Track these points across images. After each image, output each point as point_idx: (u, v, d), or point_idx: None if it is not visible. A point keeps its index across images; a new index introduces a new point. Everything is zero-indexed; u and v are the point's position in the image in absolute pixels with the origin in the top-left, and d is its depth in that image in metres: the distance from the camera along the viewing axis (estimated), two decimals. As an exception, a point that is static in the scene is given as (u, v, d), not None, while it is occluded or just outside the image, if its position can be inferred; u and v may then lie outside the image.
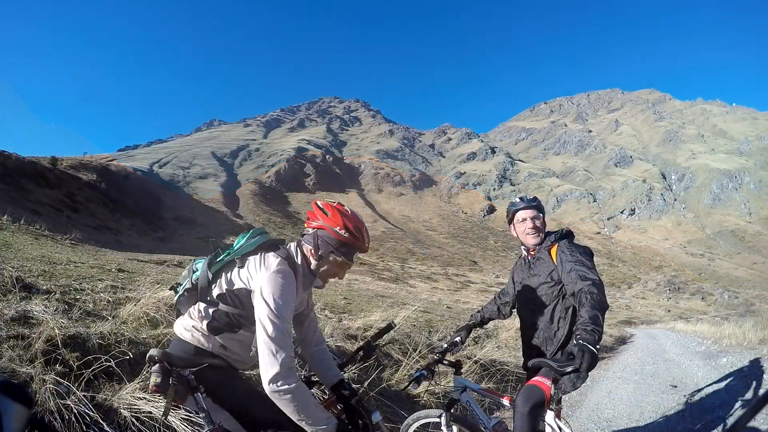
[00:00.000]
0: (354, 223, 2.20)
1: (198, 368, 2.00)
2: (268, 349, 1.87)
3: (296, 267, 2.13)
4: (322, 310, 7.25)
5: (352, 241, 2.17)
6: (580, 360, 2.15)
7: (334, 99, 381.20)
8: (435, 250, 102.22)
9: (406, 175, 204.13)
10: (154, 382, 1.86)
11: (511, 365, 6.92)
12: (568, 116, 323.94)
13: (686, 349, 12.12)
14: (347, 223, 2.18)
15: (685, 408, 5.68)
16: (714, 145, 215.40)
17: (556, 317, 2.98)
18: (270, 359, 1.86)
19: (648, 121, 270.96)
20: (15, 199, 30.57)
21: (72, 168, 59.45)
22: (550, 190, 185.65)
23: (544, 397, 2.66)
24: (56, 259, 7.10)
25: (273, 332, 1.89)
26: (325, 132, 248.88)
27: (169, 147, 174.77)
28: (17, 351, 2.65)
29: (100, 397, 2.66)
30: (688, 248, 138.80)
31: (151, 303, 4.12)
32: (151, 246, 34.33)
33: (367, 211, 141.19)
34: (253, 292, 2.02)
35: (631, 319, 39.44)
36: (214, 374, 2.04)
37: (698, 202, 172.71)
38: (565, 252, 2.94)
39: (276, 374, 1.84)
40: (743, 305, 58.33)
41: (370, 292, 18.09)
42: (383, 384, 4.66)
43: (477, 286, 54.72)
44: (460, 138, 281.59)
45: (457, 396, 3.09)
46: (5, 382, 0.84)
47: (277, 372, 1.84)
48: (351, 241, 2.17)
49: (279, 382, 1.84)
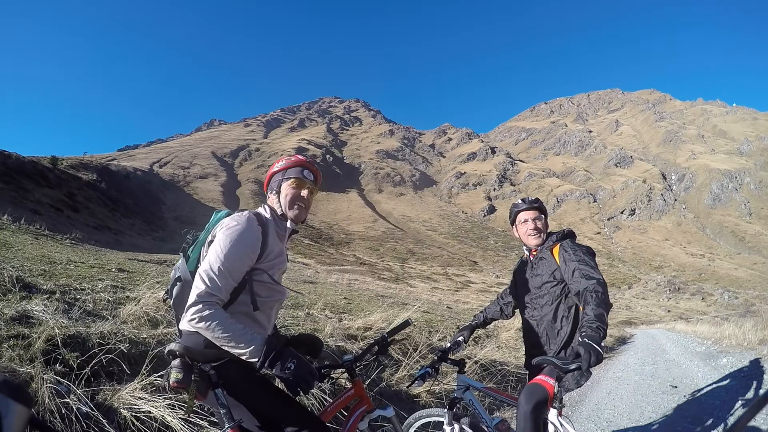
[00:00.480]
0: (288, 156, 2.44)
1: (219, 363, 1.98)
2: (196, 281, 1.92)
3: (264, 220, 2.19)
4: (323, 310, 7.24)
5: (291, 163, 2.36)
6: (588, 357, 2.16)
7: (335, 99, 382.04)
8: (435, 250, 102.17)
9: (407, 175, 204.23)
10: (175, 378, 1.83)
11: (512, 365, 6.92)
12: (569, 116, 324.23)
13: (686, 350, 12.11)
14: (282, 158, 2.41)
15: (685, 408, 5.68)
16: (714, 146, 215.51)
17: (559, 316, 3.00)
18: (193, 290, 1.89)
19: (648, 122, 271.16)
20: (15, 198, 30.57)
21: (72, 167, 59.58)
22: (550, 191, 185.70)
23: (547, 396, 2.66)
24: (56, 258, 7.11)
25: (206, 268, 1.93)
26: (325, 132, 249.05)
27: (169, 147, 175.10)
28: (17, 350, 2.65)
29: (100, 396, 2.66)
30: (689, 248, 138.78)
31: (151, 303, 4.12)
32: (151, 246, 34.31)
33: (368, 211, 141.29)
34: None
35: (631, 320, 39.49)
36: (235, 369, 2.01)
37: (698, 202, 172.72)
38: (567, 251, 2.96)
39: (190, 304, 1.86)
40: (743, 306, 58.32)
41: (370, 292, 18.11)
42: (383, 383, 4.66)
43: (477, 287, 54.71)
44: (461, 138, 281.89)
45: (459, 395, 3.08)
46: (5, 382, 0.83)
47: (192, 302, 1.86)
48: (290, 164, 2.36)
49: (190, 311, 1.85)
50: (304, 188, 2.32)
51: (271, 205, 2.33)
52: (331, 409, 2.46)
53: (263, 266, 2.10)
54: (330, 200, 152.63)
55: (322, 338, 5.10)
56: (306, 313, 6.64)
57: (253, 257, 2.05)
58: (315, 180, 2.39)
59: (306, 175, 2.34)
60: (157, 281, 5.22)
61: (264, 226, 2.14)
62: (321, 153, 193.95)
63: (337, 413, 2.51)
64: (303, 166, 2.36)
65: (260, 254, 2.08)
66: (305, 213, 2.35)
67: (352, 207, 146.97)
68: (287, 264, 2.35)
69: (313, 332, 5.35)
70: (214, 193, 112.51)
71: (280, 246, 2.23)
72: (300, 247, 65.86)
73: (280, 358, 1.89)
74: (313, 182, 2.37)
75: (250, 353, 1.88)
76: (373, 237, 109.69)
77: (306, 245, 71.29)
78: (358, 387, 2.58)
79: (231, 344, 1.87)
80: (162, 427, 2.63)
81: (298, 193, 2.31)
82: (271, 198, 2.33)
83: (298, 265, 35.73)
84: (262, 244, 2.09)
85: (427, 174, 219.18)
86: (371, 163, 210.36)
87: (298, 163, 2.37)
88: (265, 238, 2.11)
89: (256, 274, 2.09)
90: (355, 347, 5.32)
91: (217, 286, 1.90)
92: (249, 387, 2.05)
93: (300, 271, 28.28)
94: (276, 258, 2.17)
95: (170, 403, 2.76)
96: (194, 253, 2.13)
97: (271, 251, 2.13)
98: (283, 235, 2.29)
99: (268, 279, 2.12)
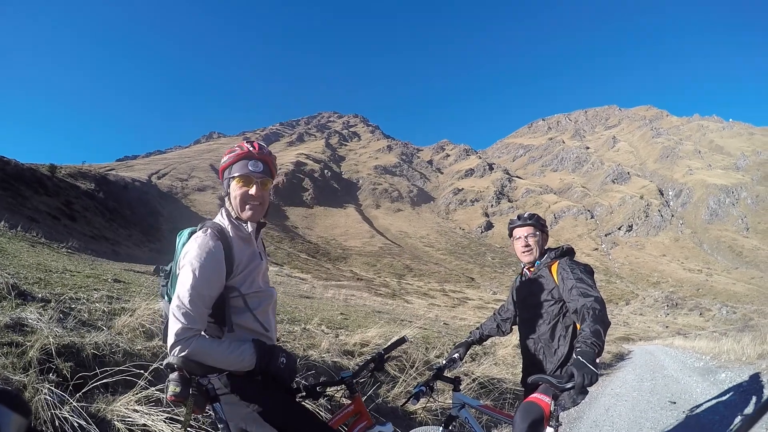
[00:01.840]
0: (235, 146, 2.17)
1: (220, 374, 1.94)
2: (170, 318, 1.85)
3: (224, 232, 2.04)
4: (319, 326, 7.21)
5: (233, 158, 2.13)
6: (581, 379, 2.13)
7: (333, 114, 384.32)
8: (432, 266, 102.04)
9: (404, 191, 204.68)
10: (173, 392, 1.79)
11: (509, 382, 6.87)
12: (566, 133, 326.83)
13: (684, 365, 12.05)
14: (227, 152, 2.17)
15: (684, 424, 5.63)
16: (711, 161, 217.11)
17: (556, 335, 2.97)
18: (170, 328, 1.83)
19: (645, 138, 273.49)
20: (12, 205, 30.44)
21: (70, 176, 59.37)
22: (547, 207, 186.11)
23: (543, 414, 2.63)
24: (52, 267, 7.09)
25: (177, 303, 1.84)
26: (323, 147, 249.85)
27: (167, 158, 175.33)
28: (11, 358, 2.63)
29: (94, 407, 2.63)
30: (686, 264, 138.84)
31: (147, 314, 4.09)
32: (148, 257, 34.11)
33: (365, 227, 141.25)
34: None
35: (629, 336, 39.26)
36: (238, 380, 1.97)
37: (695, 217, 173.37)
38: (566, 269, 2.94)
39: (171, 344, 1.81)
40: (741, 320, 58.18)
41: (367, 307, 18.03)
42: (379, 400, 4.62)
43: (474, 303, 54.54)
44: (458, 154, 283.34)
45: (455, 412, 3.04)
46: (2, 391, 0.81)
47: (172, 342, 1.81)
48: (233, 159, 2.13)
49: (173, 351, 1.80)
50: (252, 185, 2.10)
51: (227, 209, 2.15)
52: (330, 426, 2.40)
53: (236, 282, 2.01)
54: (327, 215, 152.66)
55: (318, 353, 5.08)
56: (302, 328, 6.62)
57: (221, 279, 1.96)
58: (265, 169, 2.15)
59: (252, 167, 2.10)
60: (152, 293, 5.20)
61: (225, 240, 2.00)
62: (319, 168, 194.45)
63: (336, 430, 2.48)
64: (247, 158, 2.12)
65: (229, 271, 1.98)
66: (261, 210, 2.15)
67: (349, 222, 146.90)
68: (265, 262, 2.22)
69: (310, 347, 5.32)
70: (212, 205, 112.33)
71: (249, 250, 2.11)
72: (297, 261, 65.71)
73: (272, 357, 1.97)
74: (262, 173, 2.12)
75: (244, 365, 1.91)
76: (371, 252, 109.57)
77: (303, 260, 71.11)
78: (358, 403, 2.54)
79: (223, 364, 1.89)
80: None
81: (246, 192, 2.10)
82: (227, 201, 2.15)
83: (294, 280, 35.58)
84: (227, 259, 1.97)
85: (425, 190, 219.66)
86: (369, 179, 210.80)
87: (240, 156, 2.12)
88: (229, 253, 1.98)
89: (231, 294, 2.01)
90: (352, 363, 5.28)
91: (192, 318, 1.83)
92: (253, 395, 1.99)
93: (296, 285, 28.16)
94: (248, 266, 2.06)
95: (169, 416, 2.73)
96: (173, 291, 2.02)
97: (239, 263, 2.02)
98: (248, 238, 2.13)
99: (241, 303, 2.03)
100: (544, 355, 3.00)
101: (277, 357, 1.97)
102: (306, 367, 4.43)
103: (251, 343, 1.97)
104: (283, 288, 19.94)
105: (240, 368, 1.92)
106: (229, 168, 2.13)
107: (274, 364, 1.96)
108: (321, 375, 4.53)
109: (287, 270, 52.00)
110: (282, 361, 1.97)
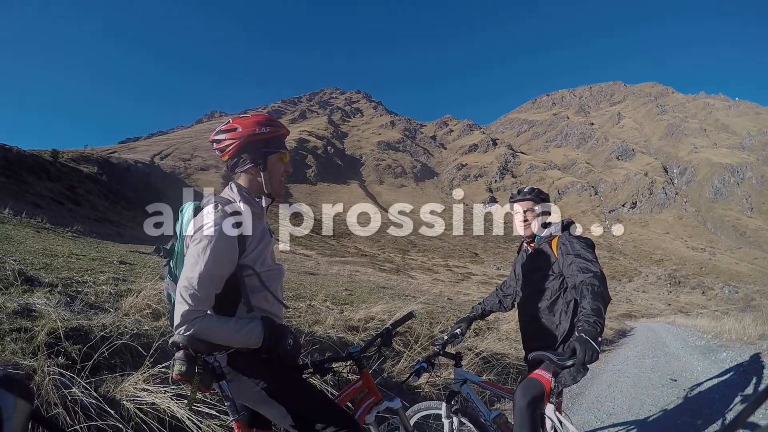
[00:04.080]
0: (264, 116, 2.08)
1: (227, 351, 1.94)
2: (177, 298, 1.83)
3: (237, 209, 1.97)
4: (324, 302, 7.26)
5: (275, 131, 2.06)
6: (582, 354, 2.13)
7: (336, 90, 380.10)
8: (436, 242, 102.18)
9: (408, 167, 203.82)
10: (179, 371, 1.78)
11: (512, 357, 6.93)
12: (570, 108, 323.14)
13: (686, 343, 12.13)
14: (261, 119, 2.05)
15: (684, 402, 5.69)
16: (716, 140, 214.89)
17: (557, 311, 2.93)
18: (177, 309, 1.82)
19: (650, 115, 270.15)
20: (16, 192, 30.50)
21: (73, 160, 59.40)
22: (551, 183, 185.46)
23: (543, 391, 2.65)
24: (58, 251, 7.12)
25: (185, 284, 1.81)
26: (326, 123, 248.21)
27: (170, 139, 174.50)
28: (20, 344, 2.66)
29: (103, 389, 2.67)
30: (689, 242, 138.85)
31: (153, 294, 4.11)
32: (153, 238, 34.25)
33: (368, 203, 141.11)
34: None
35: (631, 313, 39.58)
36: (244, 358, 1.98)
37: (700, 196, 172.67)
38: (565, 244, 2.89)
39: (177, 325, 1.80)
40: (743, 300, 58.48)
41: (371, 283, 18.13)
42: (385, 374, 4.68)
43: (478, 278, 54.81)
44: (462, 130, 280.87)
45: (457, 388, 3.06)
46: (6, 376, 0.80)
47: (178, 323, 1.80)
48: (276, 132, 2.06)
49: (179, 330, 1.79)
50: (287, 160, 2.13)
51: (246, 184, 2.07)
52: (338, 401, 2.42)
53: (249, 260, 1.97)
54: (331, 191, 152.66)
55: (323, 329, 5.13)
56: (307, 304, 6.66)
57: (233, 259, 1.92)
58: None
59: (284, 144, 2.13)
60: (158, 272, 5.22)
61: (237, 217, 1.94)
62: (322, 144, 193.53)
63: (343, 406, 2.50)
64: (285, 136, 2.12)
65: (242, 250, 1.93)
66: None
67: (353, 198, 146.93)
68: (273, 238, 2.18)
69: (315, 323, 5.38)
70: (216, 184, 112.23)
71: (261, 226, 2.07)
72: (301, 238, 65.86)
73: (280, 336, 1.96)
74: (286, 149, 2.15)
75: (251, 343, 1.92)
76: (374, 228, 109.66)
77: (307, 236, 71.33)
78: (366, 378, 2.55)
79: (231, 342, 1.89)
80: (168, 417, 2.65)
81: (287, 168, 2.13)
82: (250, 171, 2.05)
83: (299, 257, 35.75)
84: (240, 237, 1.93)
85: (429, 166, 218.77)
86: (372, 155, 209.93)
87: (281, 131, 2.09)
88: (242, 232, 1.94)
89: (245, 273, 1.97)
90: (357, 338, 5.33)
91: (199, 300, 1.81)
92: (260, 373, 2.00)
93: (301, 262, 28.31)
94: (259, 243, 2.01)
95: (177, 394, 2.77)
96: (179, 270, 1.99)
97: (252, 240, 1.98)
98: (261, 214, 2.09)
99: (257, 282, 2.00)
100: (546, 330, 2.95)
101: (286, 337, 1.97)
102: (311, 342, 4.47)
103: (259, 320, 1.96)
104: (288, 265, 20.05)
105: (247, 346, 1.92)
106: (266, 141, 2.03)
107: (282, 344, 1.95)
108: (326, 351, 4.57)
109: (291, 246, 52.19)
110: (290, 342, 1.97)
